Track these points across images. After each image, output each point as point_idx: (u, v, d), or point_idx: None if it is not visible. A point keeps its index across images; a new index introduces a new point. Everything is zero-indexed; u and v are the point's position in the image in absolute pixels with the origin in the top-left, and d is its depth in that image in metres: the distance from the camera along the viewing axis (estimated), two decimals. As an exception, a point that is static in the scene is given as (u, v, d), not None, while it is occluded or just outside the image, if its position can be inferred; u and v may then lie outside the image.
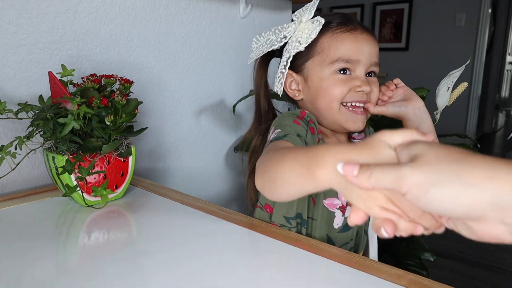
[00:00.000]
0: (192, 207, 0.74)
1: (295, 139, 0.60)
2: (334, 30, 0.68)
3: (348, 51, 0.67)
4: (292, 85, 0.73)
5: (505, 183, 0.28)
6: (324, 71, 0.68)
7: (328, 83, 0.68)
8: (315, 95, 0.70)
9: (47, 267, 0.53)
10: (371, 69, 0.70)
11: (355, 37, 0.68)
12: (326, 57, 0.68)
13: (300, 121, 0.66)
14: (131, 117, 0.73)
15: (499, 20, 5.05)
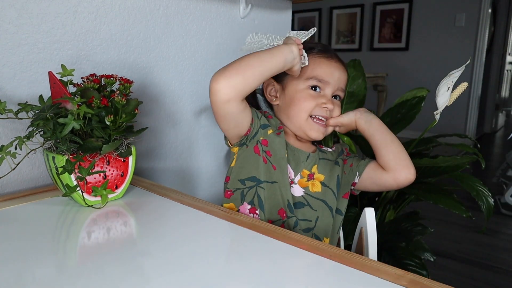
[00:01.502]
0: (192, 207, 0.74)
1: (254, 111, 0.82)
2: (314, 54, 0.86)
3: (321, 73, 0.84)
4: (271, 92, 0.90)
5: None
6: (300, 85, 0.85)
7: (301, 95, 0.84)
8: (289, 103, 0.86)
9: (47, 267, 0.53)
10: (337, 92, 0.87)
11: (330, 64, 0.85)
12: (304, 74, 0.84)
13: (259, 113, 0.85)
14: (131, 117, 0.73)
15: (499, 20, 5.05)
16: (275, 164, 0.82)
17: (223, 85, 0.73)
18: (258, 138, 0.82)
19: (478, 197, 1.14)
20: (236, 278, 0.51)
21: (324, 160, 0.89)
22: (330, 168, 0.89)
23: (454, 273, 1.83)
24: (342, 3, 5.28)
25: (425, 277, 0.50)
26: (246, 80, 0.73)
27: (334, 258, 0.55)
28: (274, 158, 0.82)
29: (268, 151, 0.82)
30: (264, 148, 0.82)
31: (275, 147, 0.83)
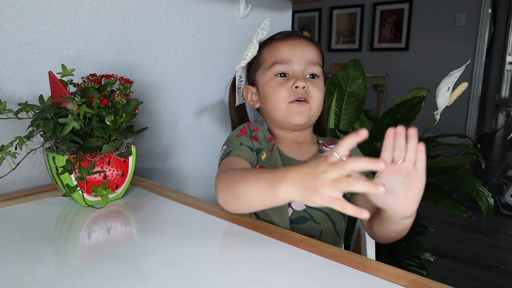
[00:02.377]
0: (192, 207, 0.74)
1: (240, 151, 0.72)
2: (272, 42, 0.81)
3: (280, 54, 0.78)
4: (253, 97, 0.85)
5: None
6: (266, 76, 0.80)
7: (269, 87, 0.79)
8: (264, 99, 0.81)
9: (47, 267, 0.53)
10: (309, 69, 0.78)
11: (288, 42, 0.78)
12: (266, 64, 0.80)
13: (243, 132, 0.78)
14: (131, 117, 0.73)
15: (499, 20, 5.05)
16: None
17: (227, 207, 0.64)
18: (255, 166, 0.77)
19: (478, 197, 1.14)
20: (236, 278, 0.51)
21: None
22: None
23: (454, 273, 1.83)
24: (342, 3, 5.28)
25: (425, 277, 0.50)
26: (245, 209, 0.62)
27: (334, 258, 0.55)
28: None
29: None
30: None
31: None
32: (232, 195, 0.59)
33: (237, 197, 0.58)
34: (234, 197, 0.59)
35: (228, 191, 0.60)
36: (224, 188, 0.61)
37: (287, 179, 0.50)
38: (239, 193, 0.57)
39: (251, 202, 0.57)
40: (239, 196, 0.58)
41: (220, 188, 0.62)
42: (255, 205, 0.57)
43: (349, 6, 5.24)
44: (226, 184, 0.60)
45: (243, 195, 0.57)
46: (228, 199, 0.61)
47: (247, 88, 0.86)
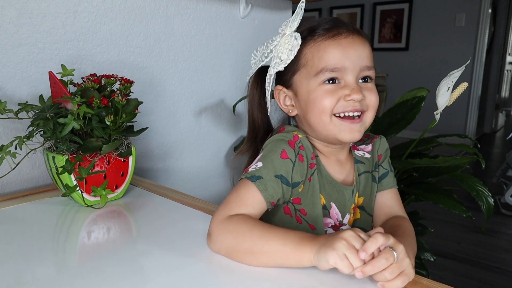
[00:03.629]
0: (192, 207, 0.74)
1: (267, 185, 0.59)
2: (316, 39, 0.64)
3: (332, 60, 0.62)
4: (286, 101, 0.70)
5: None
6: (311, 83, 0.64)
7: (315, 95, 0.64)
8: (306, 109, 0.66)
9: (47, 266, 0.53)
10: (364, 74, 0.65)
11: (339, 43, 0.63)
12: (311, 69, 0.64)
13: (290, 149, 0.63)
14: (131, 117, 0.73)
15: (499, 20, 5.05)
16: (312, 224, 0.66)
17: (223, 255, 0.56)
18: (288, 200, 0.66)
19: (478, 197, 1.14)
20: (236, 277, 0.50)
21: (364, 175, 0.72)
22: (369, 188, 0.73)
23: (454, 273, 1.83)
24: (342, 3, 5.28)
25: (425, 277, 0.50)
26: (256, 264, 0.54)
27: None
28: (310, 217, 0.66)
29: (302, 209, 0.66)
30: (297, 207, 0.66)
31: (308, 203, 0.66)
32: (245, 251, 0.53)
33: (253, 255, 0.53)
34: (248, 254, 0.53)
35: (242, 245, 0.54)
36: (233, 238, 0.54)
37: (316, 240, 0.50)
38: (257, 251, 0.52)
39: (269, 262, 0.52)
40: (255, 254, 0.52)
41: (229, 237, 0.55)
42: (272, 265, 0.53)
43: (349, 6, 5.24)
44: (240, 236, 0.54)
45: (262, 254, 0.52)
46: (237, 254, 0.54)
47: (280, 90, 0.69)
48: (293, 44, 0.63)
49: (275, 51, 0.66)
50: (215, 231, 0.56)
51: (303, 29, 0.66)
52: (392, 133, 1.34)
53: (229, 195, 0.60)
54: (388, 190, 0.73)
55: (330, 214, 0.68)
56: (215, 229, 0.57)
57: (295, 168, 0.62)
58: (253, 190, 0.59)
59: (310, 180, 0.65)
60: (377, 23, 5.02)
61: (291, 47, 0.63)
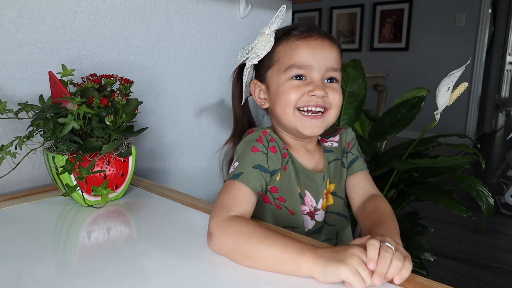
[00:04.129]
0: (192, 207, 0.74)
1: (251, 178, 0.64)
2: (290, 39, 0.71)
3: (300, 57, 0.69)
4: (260, 94, 0.77)
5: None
6: (281, 78, 0.71)
7: (283, 89, 0.71)
8: (274, 101, 0.73)
9: (47, 267, 0.53)
10: (329, 74, 0.71)
11: (308, 44, 0.70)
12: (282, 65, 0.71)
13: (260, 144, 0.69)
14: (131, 117, 0.73)
15: (499, 20, 5.05)
16: (291, 209, 0.72)
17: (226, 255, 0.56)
18: (266, 188, 0.71)
19: (478, 197, 1.14)
20: (236, 277, 0.50)
21: (333, 163, 0.79)
22: (339, 173, 0.79)
23: (454, 273, 1.83)
24: (342, 3, 5.28)
25: (425, 277, 0.50)
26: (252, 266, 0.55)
27: (334, 258, 0.55)
28: (289, 203, 0.72)
29: (280, 197, 0.72)
30: (275, 195, 0.72)
31: (286, 191, 0.72)
32: (245, 256, 0.54)
33: (252, 259, 0.53)
34: (247, 259, 0.54)
35: (242, 250, 0.54)
36: (232, 243, 0.55)
37: (317, 252, 0.50)
38: (256, 257, 0.53)
39: (268, 267, 0.52)
40: (255, 259, 0.53)
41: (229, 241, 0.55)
42: (271, 270, 0.53)
43: (349, 6, 5.24)
44: (240, 240, 0.54)
45: (261, 260, 0.53)
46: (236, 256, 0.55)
47: (255, 83, 0.77)
48: (268, 42, 0.71)
49: (254, 48, 0.73)
50: (215, 232, 0.57)
51: (280, 30, 0.73)
52: (392, 133, 1.34)
53: (220, 197, 0.63)
54: (359, 172, 0.80)
55: (305, 201, 0.74)
56: (215, 229, 0.57)
57: (269, 158, 0.68)
58: (240, 187, 0.63)
59: (286, 169, 0.72)
60: (377, 23, 5.02)
61: (266, 44, 0.71)
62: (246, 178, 0.64)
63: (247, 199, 0.63)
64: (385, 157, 1.29)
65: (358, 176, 0.80)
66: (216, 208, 0.61)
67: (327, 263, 0.48)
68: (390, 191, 1.28)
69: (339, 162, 0.80)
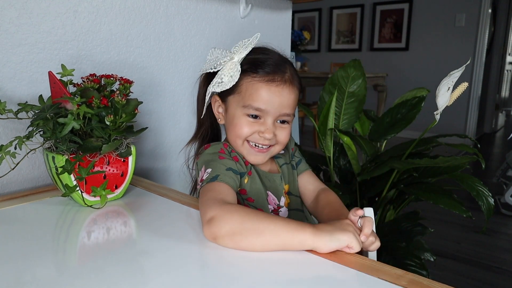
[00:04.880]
0: (192, 207, 0.74)
1: (228, 178, 0.69)
2: (254, 77, 0.74)
3: (258, 101, 0.73)
4: (219, 109, 0.82)
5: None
6: (238, 110, 0.76)
7: (238, 121, 0.76)
8: (228, 126, 0.79)
9: (47, 267, 0.53)
10: (281, 118, 0.76)
11: (269, 89, 0.73)
12: (241, 100, 0.75)
13: (223, 154, 0.75)
14: (131, 117, 0.73)
15: (499, 20, 5.05)
16: (260, 208, 0.77)
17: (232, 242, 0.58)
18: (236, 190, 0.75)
19: (478, 197, 1.14)
20: (236, 277, 0.51)
21: (285, 166, 0.86)
22: (291, 175, 0.86)
23: (454, 273, 1.83)
24: (342, 3, 5.28)
25: (425, 277, 0.50)
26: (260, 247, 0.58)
27: (333, 258, 0.55)
28: (257, 203, 0.77)
29: (249, 197, 0.77)
30: (244, 197, 0.77)
31: (254, 192, 0.77)
32: (250, 233, 0.57)
33: (258, 235, 0.56)
34: (253, 235, 0.56)
35: (245, 227, 0.57)
36: (235, 223, 0.57)
37: (316, 226, 0.58)
38: (262, 232, 0.56)
39: (273, 240, 0.56)
40: (262, 234, 0.56)
41: (226, 223, 0.58)
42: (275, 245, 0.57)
43: (349, 6, 5.24)
44: (239, 221, 0.57)
45: (267, 234, 0.56)
46: (241, 235, 0.57)
47: (216, 100, 0.81)
48: (235, 74, 0.73)
49: (221, 70, 0.75)
50: (219, 214, 0.58)
51: (249, 60, 0.75)
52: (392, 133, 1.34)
53: (205, 195, 0.64)
54: (305, 172, 0.89)
55: (269, 201, 0.80)
56: (216, 213, 0.59)
57: (236, 164, 0.74)
58: (221, 186, 0.67)
59: (251, 174, 0.78)
60: (377, 23, 5.02)
61: (233, 76, 0.73)
62: (223, 179, 0.68)
63: (231, 194, 0.66)
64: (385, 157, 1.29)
65: (305, 175, 0.89)
66: (206, 201, 0.62)
67: (332, 232, 0.56)
68: (390, 191, 1.28)
69: (289, 165, 0.87)
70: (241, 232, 0.57)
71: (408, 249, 1.14)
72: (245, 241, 0.57)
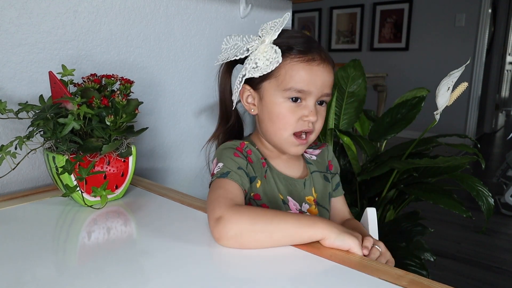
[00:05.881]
0: (192, 207, 0.74)
1: (238, 176, 0.68)
2: (293, 58, 0.70)
3: (301, 82, 0.70)
4: (248, 99, 0.76)
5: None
6: (277, 96, 0.71)
7: (280, 110, 0.72)
8: (268, 117, 0.74)
9: (47, 267, 0.53)
10: (322, 98, 0.73)
11: (311, 69, 0.70)
12: (281, 83, 0.71)
13: (239, 153, 0.72)
14: (131, 117, 0.73)
15: (499, 20, 5.05)
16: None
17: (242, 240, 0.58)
18: (249, 196, 0.72)
19: (478, 197, 1.14)
20: (236, 277, 0.51)
21: (316, 174, 0.82)
22: (322, 185, 0.82)
23: (454, 273, 1.83)
24: (342, 3, 5.28)
25: (425, 277, 0.50)
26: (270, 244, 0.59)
27: (333, 258, 0.55)
28: (273, 208, 0.73)
29: (263, 204, 0.73)
30: (259, 202, 0.73)
31: (267, 197, 0.74)
32: (259, 235, 0.57)
33: (267, 236, 0.57)
34: (262, 236, 0.57)
35: (254, 229, 0.57)
36: (244, 225, 0.57)
37: (328, 221, 0.60)
38: (272, 233, 0.57)
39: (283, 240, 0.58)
40: (271, 235, 0.57)
41: (234, 224, 0.57)
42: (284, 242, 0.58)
43: (349, 6, 5.24)
44: (248, 223, 0.57)
45: (277, 234, 0.57)
46: (249, 237, 0.57)
47: (246, 89, 0.75)
48: (272, 57, 0.69)
49: (252, 55, 0.70)
50: (227, 215, 0.58)
51: (282, 43, 0.70)
52: (392, 133, 1.34)
53: (215, 192, 0.64)
54: (340, 197, 0.87)
55: (290, 206, 0.76)
56: (226, 213, 0.58)
57: (248, 165, 0.72)
58: (230, 183, 0.66)
59: (266, 177, 0.75)
60: (377, 23, 5.02)
61: (270, 58, 0.69)
62: (234, 176, 0.67)
63: (239, 194, 0.66)
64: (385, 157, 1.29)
65: (340, 200, 0.87)
66: (217, 198, 0.62)
67: (341, 232, 0.58)
68: (390, 191, 1.28)
69: (322, 175, 0.84)
70: (250, 234, 0.57)
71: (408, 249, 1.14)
72: (254, 243, 0.57)
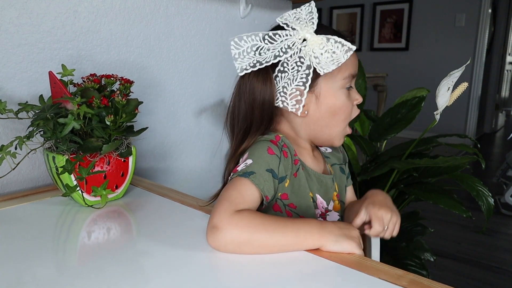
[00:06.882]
0: (192, 207, 0.74)
1: (263, 181, 0.61)
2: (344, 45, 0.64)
3: (353, 67, 0.68)
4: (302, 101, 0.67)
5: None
6: (335, 88, 0.67)
7: (341, 102, 0.68)
8: (328, 114, 0.68)
9: (47, 267, 0.53)
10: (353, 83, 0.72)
11: (354, 54, 0.67)
12: (338, 73, 0.66)
13: (274, 147, 0.65)
14: (131, 117, 0.73)
15: (499, 20, 5.05)
16: (302, 215, 0.69)
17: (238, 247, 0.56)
18: (276, 196, 0.67)
19: (478, 197, 1.14)
20: (236, 277, 0.51)
21: (334, 167, 0.79)
22: (339, 177, 0.80)
23: (454, 273, 1.83)
24: (342, 3, 5.28)
25: (425, 277, 0.50)
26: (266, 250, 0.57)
27: (333, 258, 0.55)
28: (300, 209, 0.69)
29: (291, 203, 0.68)
30: (285, 202, 0.68)
31: (296, 196, 0.68)
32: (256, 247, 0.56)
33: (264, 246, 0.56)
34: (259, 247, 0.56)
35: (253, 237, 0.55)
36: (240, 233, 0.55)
37: (325, 228, 0.59)
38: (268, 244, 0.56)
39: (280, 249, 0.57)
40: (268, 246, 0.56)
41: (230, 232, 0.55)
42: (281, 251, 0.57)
43: (349, 6, 5.24)
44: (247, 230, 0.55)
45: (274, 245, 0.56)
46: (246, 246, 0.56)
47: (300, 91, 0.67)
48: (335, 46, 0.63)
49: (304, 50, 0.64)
50: (224, 225, 0.55)
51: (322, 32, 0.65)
52: (392, 133, 1.34)
53: (227, 191, 0.60)
54: (350, 186, 0.85)
55: (317, 204, 0.73)
56: (224, 223, 0.55)
57: (281, 163, 0.65)
58: (249, 186, 0.61)
59: (296, 175, 0.68)
60: (377, 23, 5.02)
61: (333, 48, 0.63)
62: (257, 179, 0.61)
63: (254, 200, 0.61)
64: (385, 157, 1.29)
65: (350, 189, 0.85)
66: (223, 201, 0.58)
67: (338, 238, 0.57)
68: (390, 191, 1.28)
69: (338, 167, 0.81)
70: (248, 247, 0.56)
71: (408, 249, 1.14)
72: (250, 252, 0.56)
